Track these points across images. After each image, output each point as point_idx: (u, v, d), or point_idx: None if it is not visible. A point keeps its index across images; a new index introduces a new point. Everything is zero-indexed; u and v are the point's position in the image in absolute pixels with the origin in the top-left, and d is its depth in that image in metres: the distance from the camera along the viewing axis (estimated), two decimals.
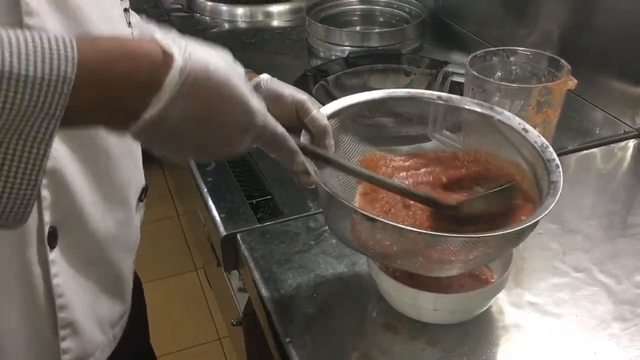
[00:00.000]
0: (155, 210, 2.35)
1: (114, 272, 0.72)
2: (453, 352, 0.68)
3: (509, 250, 0.70)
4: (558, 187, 0.64)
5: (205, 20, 1.67)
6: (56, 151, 0.59)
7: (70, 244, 0.63)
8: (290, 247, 0.83)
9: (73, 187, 0.62)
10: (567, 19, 1.21)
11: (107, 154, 0.66)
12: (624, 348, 0.68)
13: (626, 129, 1.10)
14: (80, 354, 0.68)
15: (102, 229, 0.67)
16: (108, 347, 0.73)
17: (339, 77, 1.28)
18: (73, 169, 0.61)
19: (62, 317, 0.64)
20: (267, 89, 0.68)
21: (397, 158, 0.77)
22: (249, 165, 1.03)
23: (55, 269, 0.62)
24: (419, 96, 0.77)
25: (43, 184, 0.59)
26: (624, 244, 0.83)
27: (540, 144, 0.70)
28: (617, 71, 1.11)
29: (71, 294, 0.64)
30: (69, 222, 0.63)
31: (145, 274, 0.92)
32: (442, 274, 0.67)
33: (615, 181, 0.99)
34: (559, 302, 0.74)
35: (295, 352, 0.68)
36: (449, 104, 0.77)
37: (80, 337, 0.67)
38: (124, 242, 0.73)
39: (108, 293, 0.72)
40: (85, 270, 0.67)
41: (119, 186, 0.69)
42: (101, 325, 0.71)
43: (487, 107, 0.75)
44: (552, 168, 0.67)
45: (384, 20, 1.63)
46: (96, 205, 0.65)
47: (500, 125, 0.74)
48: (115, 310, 0.74)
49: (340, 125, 0.74)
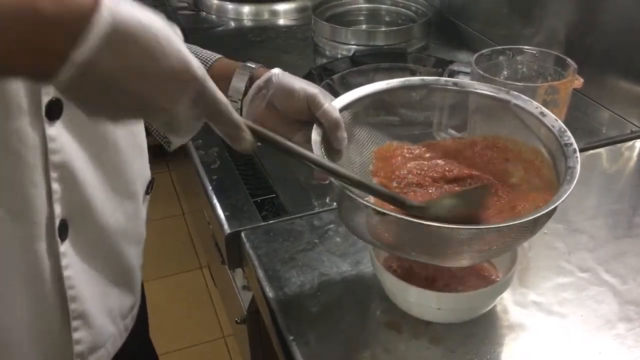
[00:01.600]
0: (161, 208, 2.36)
1: (124, 264, 0.73)
2: (457, 351, 0.68)
3: (525, 240, 0.68)
4: (575, 173, 0.63)
5: (211, 19, 1.68)
6: (65, 145, 0.60)
7: (81, 237, 0.64)
8: (295, 245, 0.83)
9: (83, 180, 0.62)
10: (573, 18, 1.20)
11: (116, 148, 0.66)
12: (629, 348, 0.68)
13: (633, 128, 1.09)
14: (92, 345, 0.69)
15: (112, 221, 0.68)
16: (119, 338, 0.75)
17: (345, 75, 1.28)
18: (82, 163, 0.62)
19: (74, 308, 0.66)
20: (278, 83, 0.67)
21: (415, 147, 0.76)
22: (253, 163, 1.03)
23: (66, 261, 0.63)
24: (433, 83, 0.76)
25: (54, 177, 0.60)
26: (629, 244, 0.83)
27: (558, 128, 0.68)
28: (624, 70, 1.11)
29: (82, 285, 0.66)
30: (79, 214, 0.63)
31: (151, 272, 0.93)
32: (455, 264, 0.67)
33: (621, 181, 0.99)
34: (564, 301, 0.74)
35: (298, 350, 0.68)
36: (463, 90, 0.75)
37: (92, 328, 0.69)
38: (132, 234, 0.74)
39: (118, 285, 0.73)
40: (95, 262, 0.68)
41: (127, 179, 0.70)
42: (112, 316, 0.72)
43: (503, 91, 0.74)
44: (569, 153, 0.65)
45: (390, 19, 1.63)
46: (106, 198, 0.66)
47: (517, 110, 0.72)
48: (125, 302, 0.75)
49: (353, 117, 0.73)
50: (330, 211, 0.89)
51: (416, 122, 0.79)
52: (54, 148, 0.59)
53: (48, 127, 0.58)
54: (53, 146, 0.59)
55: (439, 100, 0.78)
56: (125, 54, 0.45)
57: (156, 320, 0.94)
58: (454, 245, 0.61)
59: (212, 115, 0.53)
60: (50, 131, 0.58)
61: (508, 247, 0.66)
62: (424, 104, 0.78)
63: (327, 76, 1.25)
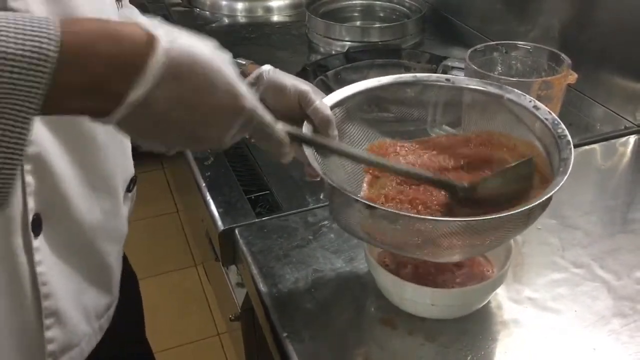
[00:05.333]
0: (155, 206, 2.35)
1: (100, 262, 0.72)
2: (451, 347, 0.68)
3: (518, 232, 0.68)
4: (569, 164, 0.63)
5: (205, 15, 1.67)
6: (40, 137, 0.59)
7: (55, 232, 0.63)
8: (289, 242, 0.82)
9: (57, 174, 0.61)
10: (568, 14, 1.20)
11: (94, 142, 0.65)
12: (624, 344, 0.68)
13: (627, 124, 1.09)
14: (65, 344, 0.68)
15: (88, 217, 0.67)
16: (94, 338, 0.73)
17: (339, 72, 1.27)
18: (57, 155, 0.61)
19: (47, 305, 0.64)
20: (269, 80, 0.68)
21: (407, 144, 0.76)
22: (247, 160, 1.03)
23: (39, 257, 0.62)
24: (426, 79, 0.76)
25: (27, 170, 0.58)
26: (624, 240, 0.83)
27: (551, 120, 0.68)
28: (618, 66, 1.11)
29: (55, 282, 0.64)
30: (53, 209, 0.62)
31: (145, 270, 0.92)
32: (449, 259, 0.67)
33: (616, 177, 0.99)
34: (558, 297, 0.74)
35: (293, 347, 0.68)
36: (456, 86, 0.75)
37: (65, 327, 0.67)
38: (110, 232, 0.72)
39: (93, 283, 0.71)
40: (70, 259, 0.66)
41: (105, 175, 0.69)
42: (86, 315, 0.71)
43: (496, 86, 0.74)
44: (563, 145, 0.66)
45: (384, 15, 1.62)
46: (82, 194, 0.65)
47: (510, 104, 0.72)
48: (101, 301, 0.73)
49: (346, 114, 0.73)
50: (324, 208, 0.88)
51: (410, 119, 0.79)
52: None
53: None
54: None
55: (432, 97, 0.77)
56: (178, 91, 0.47)
57: (150, 318, 0.93)
58: (445, 237, 0.61)
59: (260, 137, 0.57)
60: None
61: (501, 240, 0.66)
62: (417, 100, 0.78)
63: (322, 72, 1.24)
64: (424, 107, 0.78)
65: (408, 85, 0.76)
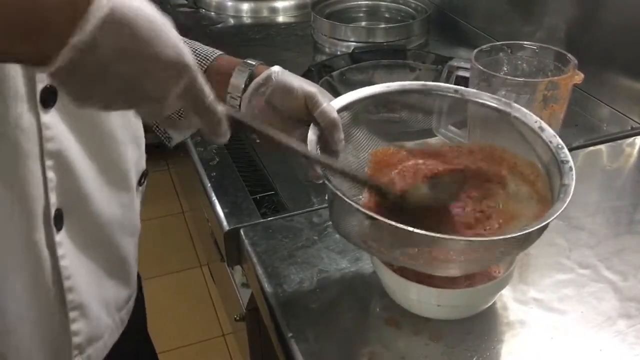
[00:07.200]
0: (160, 207, 2.36)
1: (119, 256, 0.73)
2: (456, 347, 0.67)
3: (514, 254, 0.68)
4: (569, 191, 0.62)
5: (210, 16, 1.67)
6: (60, 134, 0.60)
7: (76, 226, 0.64)
8: (294, 242, 0.82)
9: (78, 170, 0.62)
10: (574, 14, 1.20)
11: (111, 138, 0.66)
12: (630, 345, 0.68)
13: (633, 125, 1.09)
14: (90, 336, 0.69)
15: (107, 211, 0.68)
16: (116, 331, 0.75)
17: (344, 72, 1.27)
18: (77, 152, 0.62)
19: (71, 299, 0.65)
20: (277, 81, 0.67)
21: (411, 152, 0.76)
22: (252, 160, 1.03)
23: (62, 251, 0.63)
24: (435, 88, 0.76)
25: (49, 166, 0.60)
26: (630, 241, 0.82)
27: (555, 144, 0.68)
28: (624, 67, 1.10)
29: (78, 275, 0.65)
30: (74, 204, 0.63)
31: (150, 270, 0.93)
32: (444, 273, 0.67)
33: (622, 178, 0.99)
34: (564, 298, 0.74)
35: (298, 347, 0.68)
36: (464, 98, 0.75)
37: (89, 319, 0.68)
38: (127, 225, 0.73)
39: (113, 276, 0.72)
40: (91, 253, 0.67)
41: (122, 170, 0.70)
42: (108, 308, 0.72)
43: (504, 102, 0.73)
44: (565, 170, 0.65)
45: (390, 15, 1.62)
46: (100, 188, 0.66)
47: (516, 122, 0.72)
48: (121, 294, 0.75)
49: (353, 118, 0.73)
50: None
51: (416, 121, 0.79)
52: (48, 135, 0.59)
53: (43, 114, 0.58)
54: (48, 134, 0.58)
55: (439, 103, 0.77)
56: (122, 38, 0.45)
57: (156, 318, 0.94)
58: (440, 253, 0.61)
59: (198, 108, 0.53)
60: (45, 118, 0.58)
61: (496, 260, 0.67)
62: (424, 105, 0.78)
63: (327, 73, 1.24)
64: (430, 111, 0.78)
65: (416, 92, 0.76)
